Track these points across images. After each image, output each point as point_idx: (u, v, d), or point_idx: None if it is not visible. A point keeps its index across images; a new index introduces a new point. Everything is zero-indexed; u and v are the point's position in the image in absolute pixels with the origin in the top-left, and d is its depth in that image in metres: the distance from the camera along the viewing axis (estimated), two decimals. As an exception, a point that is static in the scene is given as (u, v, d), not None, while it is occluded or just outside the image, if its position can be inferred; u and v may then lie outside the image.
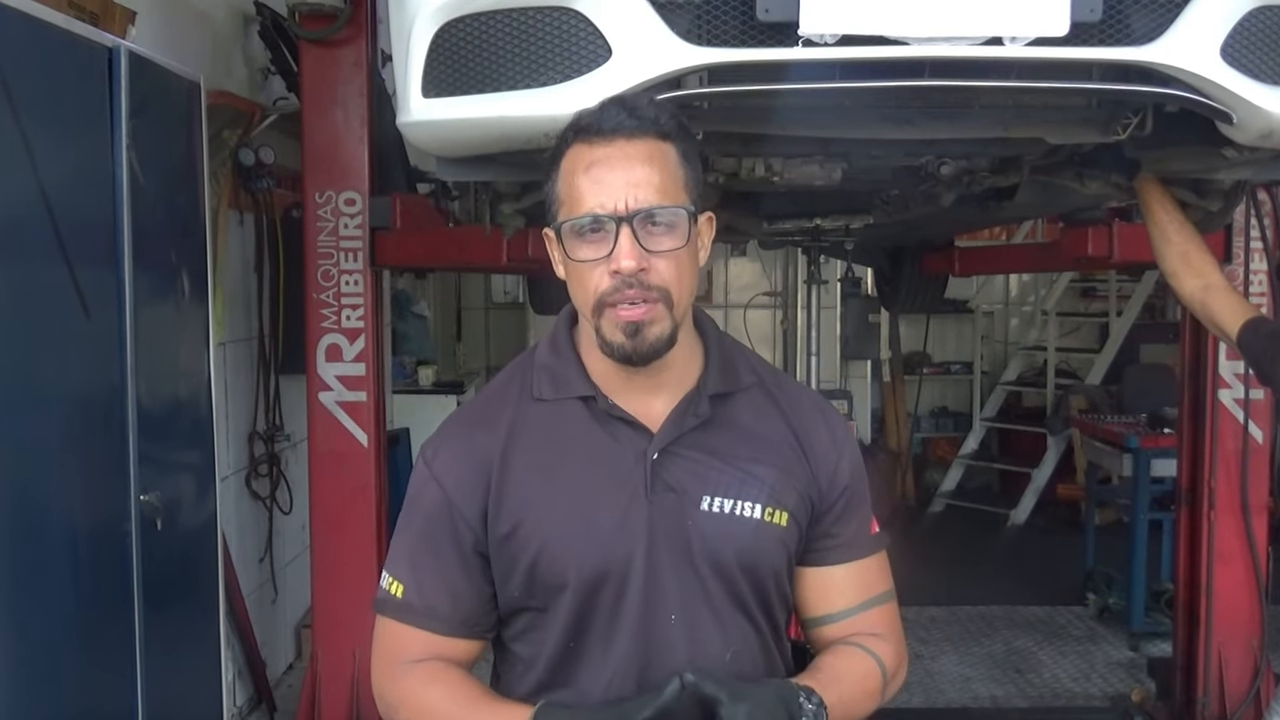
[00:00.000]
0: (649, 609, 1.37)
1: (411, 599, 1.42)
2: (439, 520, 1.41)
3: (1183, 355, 4.22)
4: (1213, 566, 4.00)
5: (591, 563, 1.36)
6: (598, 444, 1.40)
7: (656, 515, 1.37)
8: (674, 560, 1.38)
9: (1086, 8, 1.68)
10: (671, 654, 1.37)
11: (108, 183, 2.58)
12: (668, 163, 1.34)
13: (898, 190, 2.64)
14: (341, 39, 3.71)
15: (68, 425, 2.43)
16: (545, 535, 1.37)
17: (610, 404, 1.40)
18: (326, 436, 3.84)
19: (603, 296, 1.32)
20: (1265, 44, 1.81)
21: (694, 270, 1.38)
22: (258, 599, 4.43)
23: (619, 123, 1.33)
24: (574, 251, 1.34)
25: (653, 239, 1.31)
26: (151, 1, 3.47)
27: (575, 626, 1.39)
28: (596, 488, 1.39)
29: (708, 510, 1.39)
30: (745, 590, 1.41)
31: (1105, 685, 4.71)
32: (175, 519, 2.85)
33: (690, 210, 1.34)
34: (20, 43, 2.22)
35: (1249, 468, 3.95)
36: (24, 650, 2.21)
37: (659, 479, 1.38)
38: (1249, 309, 2.30)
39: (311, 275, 3.82)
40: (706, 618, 1.39)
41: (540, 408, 1.43)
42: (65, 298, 2.40)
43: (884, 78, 1.74)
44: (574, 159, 1.35)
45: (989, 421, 8.36)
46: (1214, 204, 2.57)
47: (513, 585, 1.40)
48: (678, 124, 1.38)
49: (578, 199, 1.32)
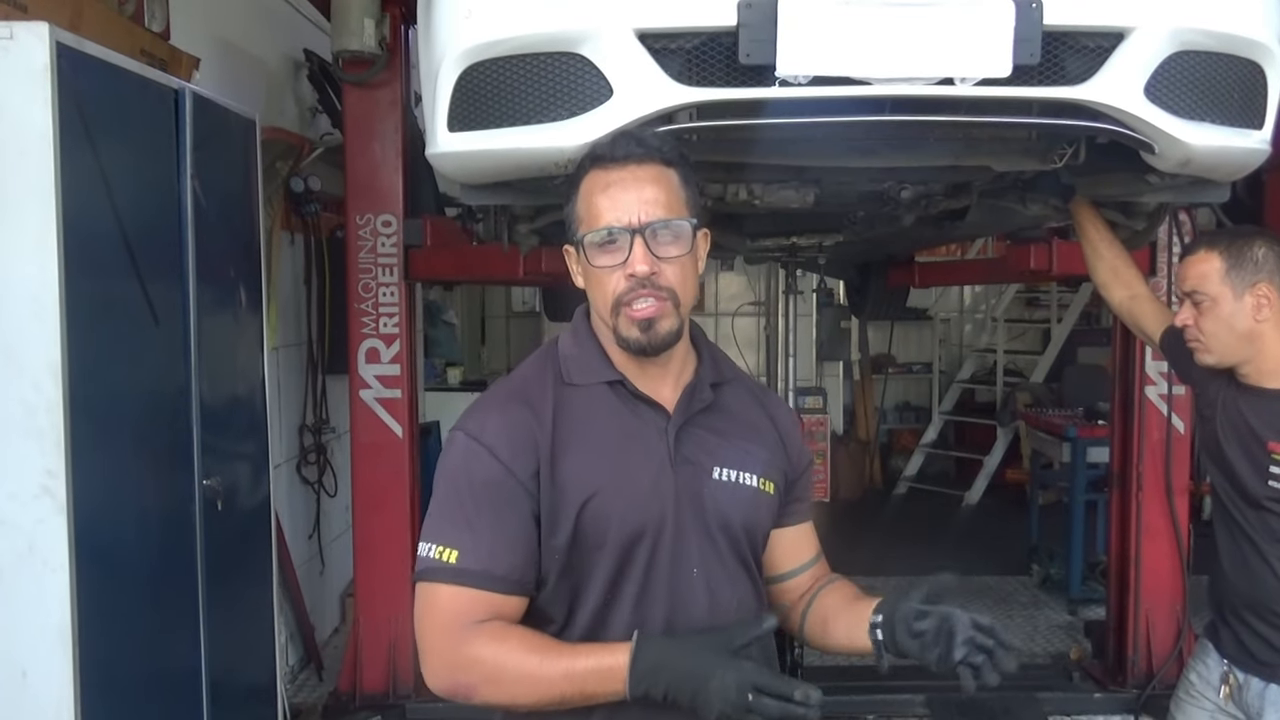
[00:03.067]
0: (676, 563, 1.39)
1: (468, 564, 1.35)
2: (497, 486, 1.36)
3: (1114, 357, 4.22)
4: (1141, 541, 4.01)
5: (632, 520, 1.37)
6: (627, 421, 1.42)
7: (681, 482, 1.40)
8: (694, 521, 1.40)
9: (1027, 52, 1.67)
10: (694, 604, 1.39)
11: (174, 207, 2.57)
12: (672, 184, 1.38)
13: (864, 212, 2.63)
14: (379, 82, 3.72)
15: (140, 419, 2.43)
16: (589, 495, 1.37)
17: (634, 387, 1.42)
18: (366, 429, 3.85)
19: (620, 297, 1.36)
20: (1183, 84, 1.80)
21: (695, 275, 1.42)
22: (307, 571, 4.43)
23: (629, 151, 1.38)
24: (594, 260, 1.37)
25: (661, 247, 1.35)
26: (213, 49, 3.48)
27: (614, 579, 1.38)
28: (632, 457, 1.40)
29: (718, 479, 1.42)
30: (745, 547, 1.45)
31: (1048, 645, 4.71)
32: (233, 501, 2.84)
33: (693, 223, 1.39)
34: (99, 85, 2.22)
35: (1172, 455, 3.96)
36: (104, 615, 2.20)
37: (679, 452, 1.41)
38: (1170, 316, 2.30)
39: (353, 287, 3.83)
40: (719, 571, 1.42)
41: (573, 391, 1.44)
42: (137, 308, 2.40)
43: (850, 113, 1.74)
44: (591, 182, 1.39)
45: (946, 414, 8.36)
46: (1139, 224, 2.57)
47: (558, 545, 1.37)
48: (679, 153, 1.43)
49: (596, 215, 1.36)
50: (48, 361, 2.07)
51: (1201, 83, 1.82)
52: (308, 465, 4.49)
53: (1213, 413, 2.13)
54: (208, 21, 3.52)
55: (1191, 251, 2.12)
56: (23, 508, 2.08)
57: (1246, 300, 2.01)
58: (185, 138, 2.57)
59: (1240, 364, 2.07)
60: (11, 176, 2.05)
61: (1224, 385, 2.11)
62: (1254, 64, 1.87)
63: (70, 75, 2.09)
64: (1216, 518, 2.16)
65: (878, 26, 1.66)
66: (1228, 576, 2.11)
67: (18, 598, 2.10)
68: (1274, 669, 2.02)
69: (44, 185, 2.05)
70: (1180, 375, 2.31)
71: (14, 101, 2.04)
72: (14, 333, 2.07)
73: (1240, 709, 2.09)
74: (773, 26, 1.63)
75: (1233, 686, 2.09)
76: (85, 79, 2.15)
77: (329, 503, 4.62)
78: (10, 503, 2.08)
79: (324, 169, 4.25)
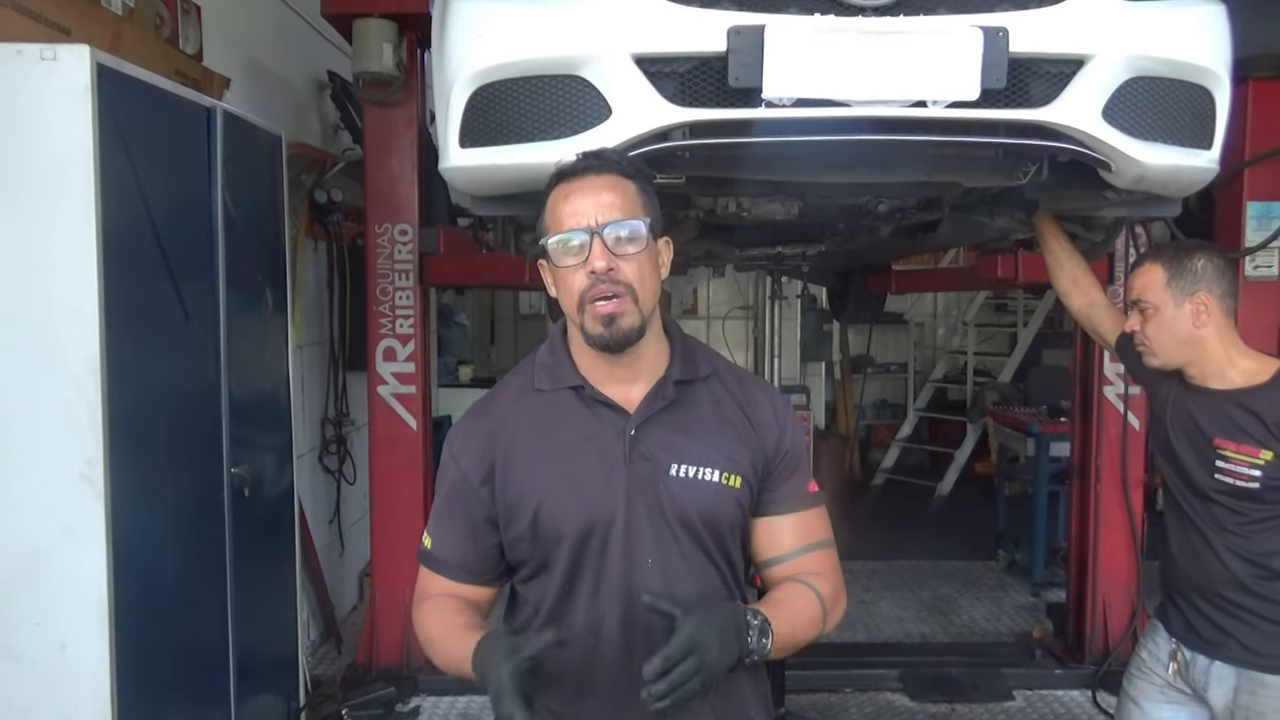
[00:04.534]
0: (629, 555, 1.38)
1: (436, 551, 1.48)
2: (457, 490, 1.45)
3: (1075, 359, 4.23)
4: (1099, 530, 4.02)
5: (582, 518, 1.37)
6: (586, 424, 1.42)
7: (634, 479, 1.38)
8: (649, 515, 1.38)
9: (994, 77, 1.68)
10: (648, 592, 1.37)
11: (205, 216, 2.58)
12: (628, 192, 1.38)
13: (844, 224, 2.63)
14: (397, 101, 3.73)
15: (173, 412, 2.43)
16: (544, 497, 1.39)
17: (595, 391, 1.42)
18: (383, 421, 3.85)
19: (582, 294, 1.35)
20: (1138, 107, 1.80)
21: (655, 274, 1.40)
22: (327, 553, 4.43)
23: (588, 164, 1.39)
24: (558, 261, 1.37)
25: (619, 245, 1.35)
26: (243, 70, 3.48)
27: (570, 572, 1.39)
28: (585, 458, 1.40)
29: (675, 475, 1.39)
30: (707, 539, 1.41)
31: (1012, 625, 4.71)
32: (260, 488, 2.84)
33: (647, 222, 1.37)
34: (136, 103, 2.22)
35: (1128, 450, 3.96)
36: (138, 593, 2.21)
37: (636, 450, 1.39)
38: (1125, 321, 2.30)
39: (372, 291, 3.84)
40: (677, 562, 1.39)
41: (539, 397, 1.45)
42: (171, 310, 2.40)
43: (831, 133, 1.74)
44: (556, 196, 1.39)
45: (920, 411, 8.36)
46: (1098, 236, 2.57)
47: (520, 540, 1.42)
48: (635, 167, 1.43)
49: (559, 222, 1.37)
50: (87, 358, 2.08)
51: (1155, 106, 1.83)
52: (329, 455, 4.50)
53: (1163, 411, 2.14)
54: (238, 44, 3.52)
55: (1138, 263, 2.13)
56: (63, 494, 2.09)
57: (1186, 308, 2.02)
58: (216, 152, 2.58)
59: (1185, 366, 2.07)
60: (54, 187, 2.06)
61: (1173, 386, 2.12)
62: (1203, 89, 1.88)
63: (110, 94, 2.09)
64: (1167, 508, 2.16)
65: (856, 53, 1.67)
66: (1176, 562, 2.11)
67: (58, 576, 2.11)
68: (1218, 647, 2.02)
69: (85, 196, 2.06)
70: (1133, 376, 2.32)
71: (57, 118, 2.05)
72: (56, 332, 2.08)
73: (1187, 684, 2.09)
74: (759, 52, 1.64)
75: (1180, 663, 2.10)
76: (124, 97, 2.16)
77: (348, 490, 4.62)
78: (52, 489, 2.09)
79: (345, 182, 4.25)
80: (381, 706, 3.58)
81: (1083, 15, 1.74)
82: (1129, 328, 2.13)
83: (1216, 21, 1.89)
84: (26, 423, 2.09)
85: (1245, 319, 3.53)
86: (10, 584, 2.10)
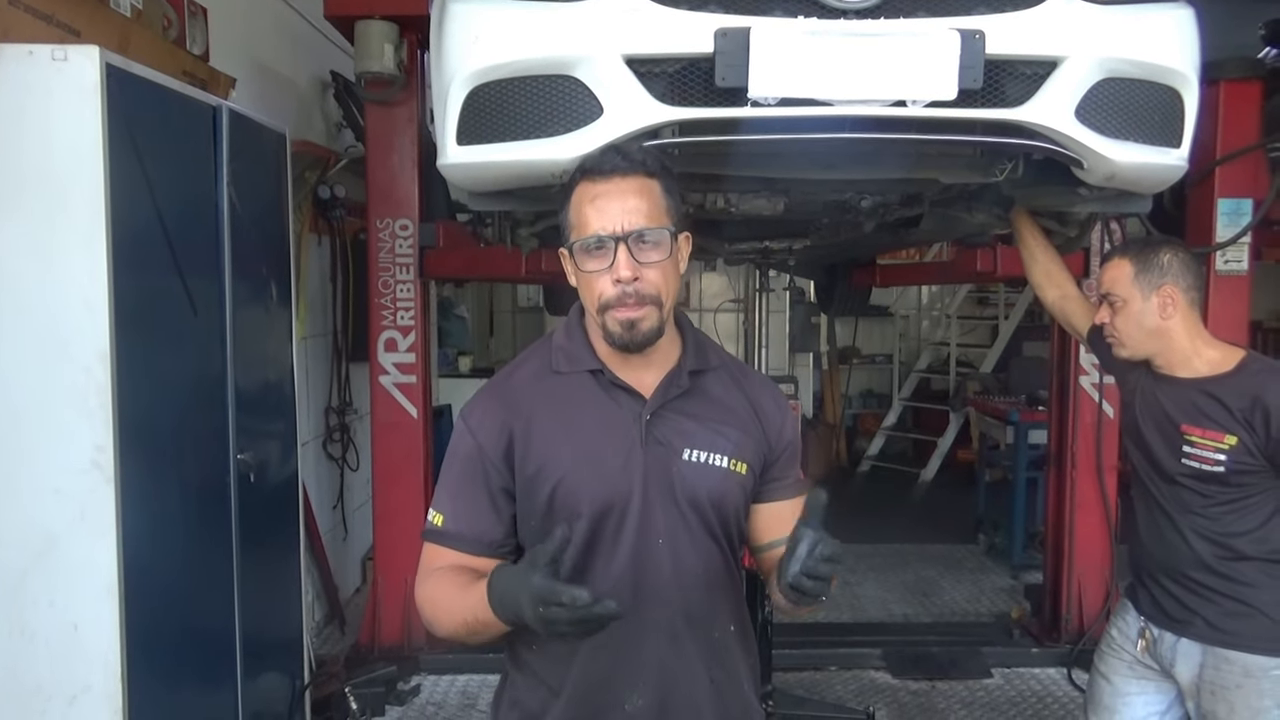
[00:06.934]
0: (642, 534, 1.38)
1: (448, 526, 1.42)
2: (473, 462, 1.42)
3: (1052, 350, 4.25)
4: (1075, 514, 4.04)
5: (601, 497, 1.37)
6: (603, 406, 1.41)
7: (650, 462, 1.39)
8: (661, 497, 1.39)
9: (971, 78, 1.68)
10: (659, 570, 1.39)
11: (212, 211, 2.58)
12: (654, 195, 1.37)
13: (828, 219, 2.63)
14: (397, 100, 3.72)
15: (180, 400, 2.44)
16: (563, 473, 1.37)
17: (614, 376, 1.42)
18: (385, 410, 3.86)
19: (606, 302, 1.35)
20: (1109, 107, 1.81)
21: (676, 277, 1.40)
22: (331, 537, 4.45)
23: (615, 164, 1.37)
24: (583, 264, 1.36)
25: (643, 253, 1.34)
26: (249, 70, 3.48)
27: (584, 548, 1.38)
28: (604, 439, 1.39)
29: (687, 460, 1.40)
30: (714, 521, 1.42)
31: (992, 605, 4.74)
32: (265, 474, 2.85)
33: (672, 230, 1.37)
34: (144, 103, 2.22)
35: (1102, 437, 3.99)
36: (147, 575, 2.22)
37: (651, 435, 1.40)
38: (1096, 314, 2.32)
39: (373, 284, 3.84)
40: (685, 542, 1.40)
41: (558, 379, 1.44)
42: (178, 302, 2.41)
43: (814, 131, 1.74)
44: (581, 193, 1.37)
45: (905, 401, 8.37)
46: (1072, 231, 2.58)
47: (535, 514, 1.40)
48: (661, 165, 1.41)
49: (585, 224, 1.35)
50: (97, 349, 2.08)
51: (1125, 106, 1.84)
52: (332, 443, 4.50)
53: (1133, 399, 2.16)
54: (244, 45, 3.51)
55: (1107, 258, 2.15)
56: (75, 480, 2.10)
57: (1153, 300, 2.04)
58: (222, 149, 2.58)
59: (1153, 356, 2.09)
60: (65, 184, 2.06)
61: (1142, 375, 2.14)
62: (1173, 90, 1.89)
63: (118, 93, 2.09)
64: (1136, 492, 2.18)
65: (838, 54, 1.67)
66: (1145, 544, 2.13)
67: (70, 559, 2.11)
68: (1184, 625, 2.04)
69: (94, 191, 2.06)
70: (1105, 366, 2.33)
71: (67, 117, 2.05)
72: (67, 323, 2.08)
73: (1155, 660, 2.12)
74: (745, 53, 1.64)
75: (1149, 640, 2.12)
76: (132, 97, 2.16)
77: (351, 476, 4.63)
78: (64, 475, 2.10)
79: (348, 178, 4.25)
80: (383, 685, 3.59)
81: (1056, 18, 1.75)
82: (1099, 320, 2.15)
83: (1186, 25, 1.90)
84: (39, 412, 2.09)
85: (1216, 311, 3.59)
86: (25, 566, 2.11)
